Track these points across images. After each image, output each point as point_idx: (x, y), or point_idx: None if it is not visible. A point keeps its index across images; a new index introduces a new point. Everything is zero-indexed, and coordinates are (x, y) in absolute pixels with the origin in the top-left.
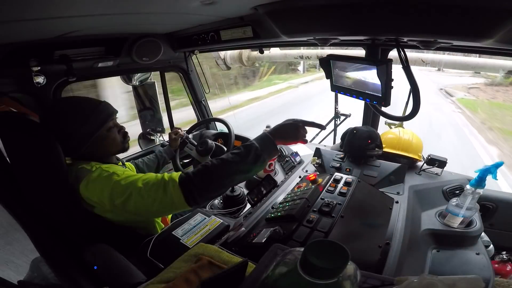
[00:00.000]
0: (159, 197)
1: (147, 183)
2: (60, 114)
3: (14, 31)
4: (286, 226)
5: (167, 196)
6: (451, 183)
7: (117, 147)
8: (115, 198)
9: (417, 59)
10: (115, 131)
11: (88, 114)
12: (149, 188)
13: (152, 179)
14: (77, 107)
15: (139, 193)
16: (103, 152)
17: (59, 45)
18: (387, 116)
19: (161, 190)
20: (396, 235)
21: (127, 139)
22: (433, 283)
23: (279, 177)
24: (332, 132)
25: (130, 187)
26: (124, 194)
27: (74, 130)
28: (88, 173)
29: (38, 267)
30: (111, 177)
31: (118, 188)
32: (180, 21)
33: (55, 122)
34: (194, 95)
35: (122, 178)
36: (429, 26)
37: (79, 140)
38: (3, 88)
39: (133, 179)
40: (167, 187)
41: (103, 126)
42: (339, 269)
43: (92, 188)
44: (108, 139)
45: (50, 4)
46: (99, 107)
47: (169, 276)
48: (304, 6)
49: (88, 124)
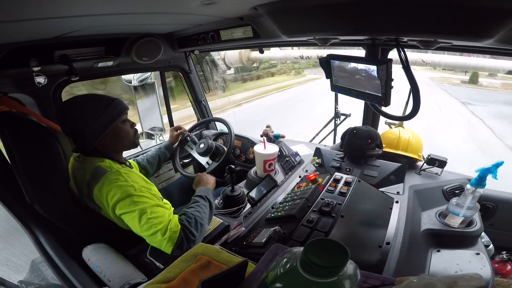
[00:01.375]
0: (152, 234)
1: (154, 217)
2: (77, 107)
3: (14, 31)
4: (286, 226)
5: (159, 242)
6: (451, 182)
7: (129, 141)
8: (118, 207)
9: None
10: (128, 125)
11: (104, 106)
12: (151, 222)
13: (160, 216)
14: (93, 101)
15: (140, 217)
16: (116, 146)
17: (59, 45)
18: (387, 115)
19: (159, 233)
20: (396, 235)
21: (137, 135)
22: (433, 283)
23: (279, 177)
24: (332, 132)
25: (138, 207)
26: (128, 209)
27: (90, 121)
28: (105, 173)
29: (38, 267)
30: (127, 189)
31: (128, 202)
32: (180, 21)
33: (71, 115)
34: (194, 95)
35: (136, 195)
36: (429, 25)
37: (96, 131)
38: (3, 88)
39: (144, 205)
40: (165, 234)
41: (119, 117)
42: (339, 268)
43: (105, 191)
44: (123, 131)
45: (50, 4)
46: (114, 101)
47: (169, 276)
48: (304, 6)
49: (105, 115)
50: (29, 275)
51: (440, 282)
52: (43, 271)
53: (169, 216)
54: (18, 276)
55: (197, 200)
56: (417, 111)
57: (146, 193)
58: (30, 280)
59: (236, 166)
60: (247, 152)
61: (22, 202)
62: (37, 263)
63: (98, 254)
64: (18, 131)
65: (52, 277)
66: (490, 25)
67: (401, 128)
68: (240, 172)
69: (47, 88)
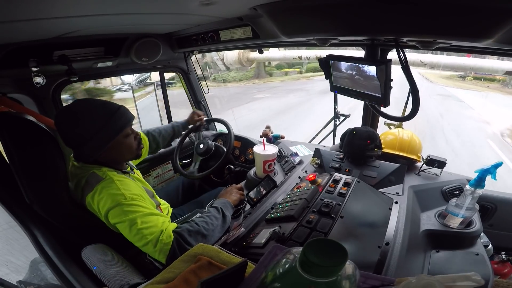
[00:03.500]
0: (144, 245)
1: (145, 228)
2: (77, 118)
3: (13, 31)
4: (285, 226)
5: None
6: (451, 183)
7: (131, 154)
8: (110, 216)
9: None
10: (131, 138)
11: (106, 120)
12: (141, 233)
13: (151, 226)
14: (95, 111)
15: (131, 228)
16: (117, 158)
17: (58, 45)
18: (386, 116)
19: (150, 245)
20: (395, 235)
21: (141, 146)
22: (431, 283)
23: (279, 177)
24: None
25: (128, 218)
26: (119, 219)
27: (91, 136)
28: (99, 181)
29: (37, 267)
30: (117, 198)
31: (118, 211)
32: (179, 21)
33: (70, 126)
34: (193, 95)
35: (126, 204)
36: (428, 26)
37: (96, 146)
38: (2, 89)
39: (135, 214)
40: (156, 246)
41: (121, 132)
42: (337, 267)
43: (97, 199)
44: (124, 145)
45: (50, 4)
46: (117, 112)
47: (169, 277)
48: (304, 6)
49: (106, 130)
50: (28, 275)
51: (439, 282)
52: (42, 271)
53: (162, 226)
54: (17, 276)
55: (209, 211)
56: (416, 111)
57: (139, 201)
58: (29, 280)
59: (235, 167)
60: (246, 153)
61: (21, 203)
62: (36, 263)
63: (98, 255)
64: (17, 131)
65: (51, 277)
66: (489, 26)
67: (400, 129)
68: (240, 173)
69: (47, 89)
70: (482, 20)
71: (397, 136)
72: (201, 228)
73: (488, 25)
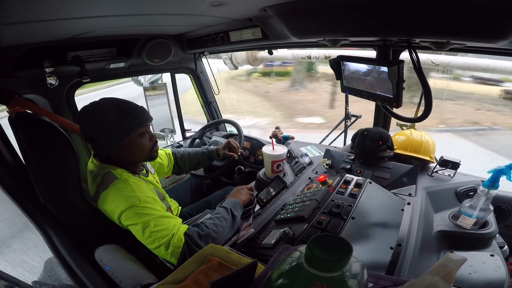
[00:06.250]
0: (156, 248)
1: (157, 231)
2: (96, 113)
3: (29, 32)
4: (295, 227)
5: (163, 255)
6: (464, 184)
7: (144, 155)
8: (123, 218)
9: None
10: (146, 138)
11: (123, 117)
12: (154, 236)
13: (164, 229)
14: (113, 108)
15: (144, 230)
16: (129, 158)
17: (72, 46)
18: (398, 117)
19: (162, 247)
20: (408, 236)
21: (155, 148)
22: (435, 283)
23: (289, 178)
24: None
25: (141, 220)
26: (132, 221)
27: (106, 130)
28: (114, 180)
29: (51, 267)
30: (132, 200)
31: (132, 213)
32: (190, 22)
33: (90, 120)
34: (204, 96)
35: (140, 207)
36: (442, 27)
37: (109, 140)
38: (17, 89)
39: (149, 217)
40: (168, 249)
41: (135, 130)
42: (342, 261)
43: (111, 199)
44: (137, 144)
45: (65, 5)
46: (135, 111)
47: (180, 277)
48: (314, 7)
49: (121, 126)
50: (43, 276)
51: (442, 282)
52: (57, 271)
53: (173, 229)
54: (32, 276)
55: (219, 212)
56: (429, 112)
57: (152, 203)
58: (44, 280)
59: (245, 167)
60: (256, 154)
61: (36, 202)
62: (50, 264)
63: (110, 255)
64: (33, 132)
65: (65, 277)
66: (505, 26)
67: (412, 130)
68: (250, 174)
69: (60, 90)
70: (498, 21)
71: (409, 137)
72: (211, 231)
73: (503, 25)
